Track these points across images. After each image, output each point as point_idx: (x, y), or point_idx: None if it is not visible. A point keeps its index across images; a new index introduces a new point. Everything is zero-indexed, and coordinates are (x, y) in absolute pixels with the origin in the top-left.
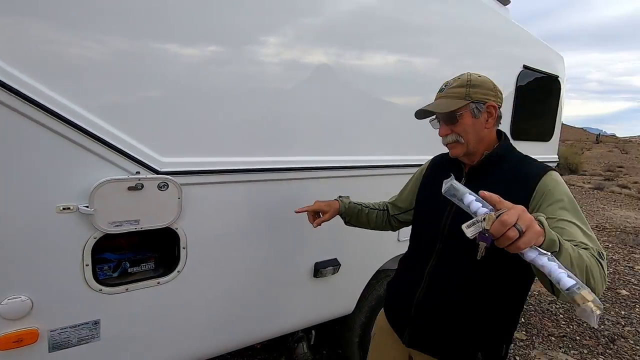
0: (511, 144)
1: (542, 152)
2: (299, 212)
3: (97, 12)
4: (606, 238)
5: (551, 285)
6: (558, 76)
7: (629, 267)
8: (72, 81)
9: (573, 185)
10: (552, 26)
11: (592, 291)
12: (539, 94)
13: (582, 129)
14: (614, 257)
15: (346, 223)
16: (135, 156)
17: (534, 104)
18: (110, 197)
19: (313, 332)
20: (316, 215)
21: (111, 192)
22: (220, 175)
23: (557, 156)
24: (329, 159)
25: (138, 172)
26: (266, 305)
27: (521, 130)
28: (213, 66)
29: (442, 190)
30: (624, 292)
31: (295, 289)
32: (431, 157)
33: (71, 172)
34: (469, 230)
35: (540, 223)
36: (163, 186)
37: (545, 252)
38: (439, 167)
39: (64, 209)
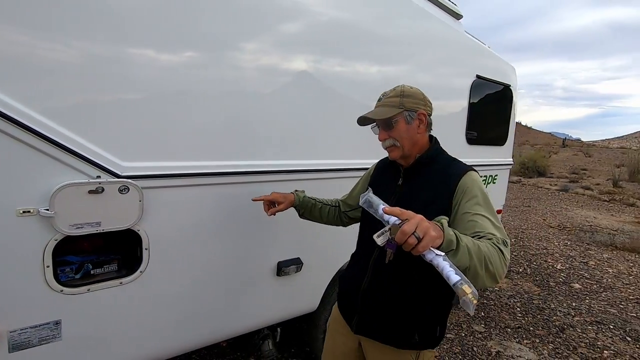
0: (440, 147)
1: (497, 155)
2: (256, 200)
3: (58, 13)
4: (566, 236)
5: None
6: (510, 85)
7: (583, 262)
8: (30, 86)
9: (541, 187)
10: (521, 34)
11: (492, 276)
12: (492, 101)
13: (549, 133)
14: (570, 253)
15: (300, 216)
16: (96, 161)
17: (487, 111)
18: (70, 200)
19: (279, 329)
20: (271, 205)
21: (72, 196)
22: (181, 179)
23: (511, 159)
24: (286, 162)
25: (99, 177)
26: (230, 303)
27: (476, 135)
28: (172, 72)
29: (360, 203)
30: (577, 285)
31: (259, 287)
32: (377, 161)
33: (32, 177)
34: (379, 239)
35: (441, 225)
36: (124, 189)
37: (441, 253)
38: (383, 170)
39: (24, 212)
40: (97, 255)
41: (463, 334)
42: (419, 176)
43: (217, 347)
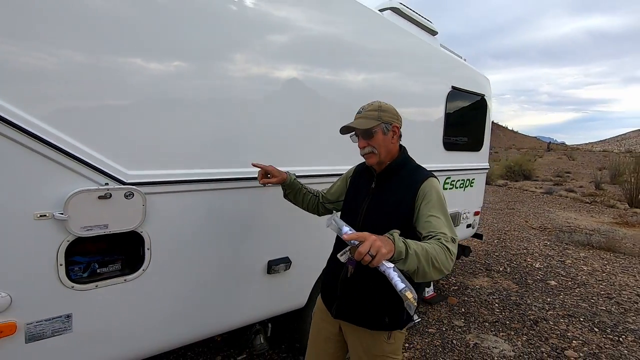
0: (408, 155)
1: (473, 160)
2: (255, 166)
3: (69, 28)
4: (546, 237)
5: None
6: (484, 95)
7: (560, 261)
8: (48, 103)
9: (526, 190)
10: (507, 42)
11: (438, 270)
12: (468, 110)
13: (535, 137)
14: (549, 253)
15: (285, 196)
16: (104, 170)
17: (463, 119)
18: (82, 205)
19: (269, 324)
20: (266, 176)
21: (83, 201)
22: (180, 185)
23: (487, 164)
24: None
25: (107, 184)
26: (224, 299)
27: (453, 142)
28: (171, 89)
29: (326, 225)
30: (552, 282)
31: (251, 284)
32: (356, 165)
33: (47, 184)
34: (342, 258)
35: (393, 238)
36: (129, 195)
37: (390, 265)
38: (359, 174)
39: (41, 215)
40: (102, 256)
41: (444, 329)
42: (389, 181)
43: (212, 342)
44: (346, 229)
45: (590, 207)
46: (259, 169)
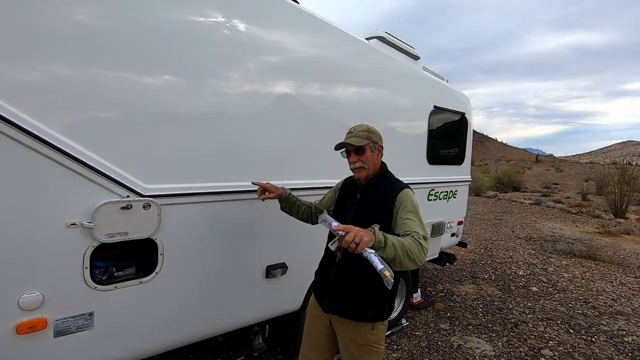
0: (388, 170)
1: (456, 173)
2: (254, 183)
3: (93, 51)
4: (531, 246)
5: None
6: (464, 113)
7: (543, 269)
8: (81, 127)
9: (515, 201)
10: (494, 56)
11: (412, 260)
12: (449, 127)
13: (524, 149)
14: (533, 261)
15: (281, 208)
16: (126, 184)
17: (445, 135)
18: (107, 215)
19: (267, 326)
20: (264, 192)
21: (108, 211)
22: (190, 197)
23: (469, 176)
24: (275, 183)
25: (128, 196)
26: (227, 301)
27: (436, 156)
28: (184, 112)
29: (318, 221)
30: (534, 288)
31: (251, 287)
32: (344, 178)
33: (78, 196)
34: (332, 247)
35: (373, 230)
36: (147, 206)
37: (372, 251)
38: (347, 187)
39: (71, 224)
40: (119, 261)
41: (430, 332)
42: (372, 192)
43: (214, 342)
44: (335, 223)
45: (576, 218)
46: (258, 187)
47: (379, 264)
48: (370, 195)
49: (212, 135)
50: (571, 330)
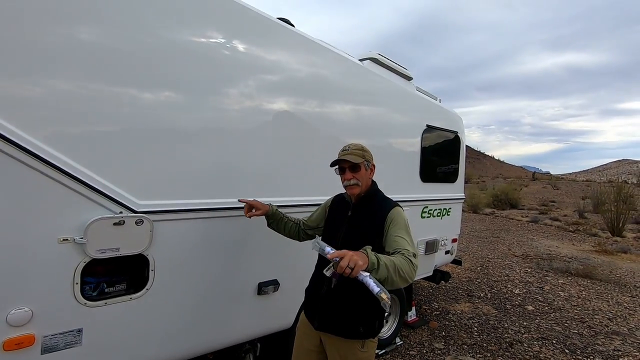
0: (377, 188)
1: (449, 191)
2: (241, 201)
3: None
4: (528, 264)
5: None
6: (457, 132)
7: (539, 287)
8: (74, 143)
9: (512, 219)
10: (488, 75)
11: (404, 278)
12: (442, 146)
13: (521, 167)
14: (529, 279)
15: (268, 225)
16: (119, 200)
17: (438, 154)
18: (99, 231)
19: (258, 344)
20: (250, 209)
21: (101, 227)
22: (181, 214)
23: (463, 194)
24: (264, 200)
25: (121, 212)
26: (218, 318)
27: (429, 174)
28: (179, 130)
29: (311, 247)
30: (530, 307)
31: (243, 304)
32: (332, 196)
33: (70, 212)
34: (327, 273)
35: (366, 253)
36: (139, 222)
37: (366, 274)
38: (338, 203)
39: (63, 239)
40: (109, 277)
41: (424, 351)
42: (363, 209)
43: None
44: (328, 249)
45: (573, 236)
46: (245, 204)
47: (375, 287)
48: (361, 213)
49: (204, 152)
50: (567, 350)
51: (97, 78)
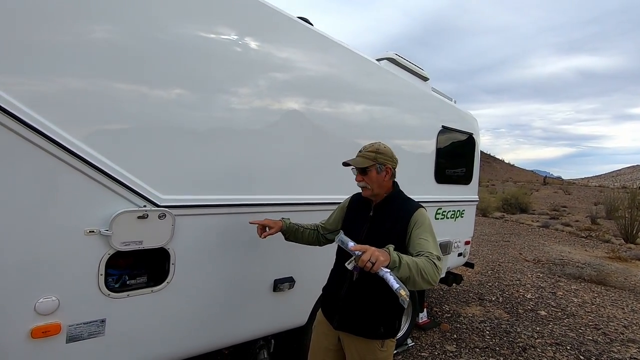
0: (400, 189)
1: (463, 193)
2: (252, 223)
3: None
4: (539, 269)
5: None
6: (472, 133)
7: (552, 293)
8: (103, 138)
9: (522, 223)
10: (497, 78)
11: (427, 280)
12: (457, 147)
13: (532, 171)
14: (541, 284)
15: (286, 239)
16: (144, 194)
17: (453, 155)
18: (124, 223)
19: (272, 340)
20: (264, 228)
21: (125, 220)
22: (204, 209)
23: (477, 196)
24: (283, 197)
25: (145, 205)
26: (234, 313)
27: (444, 176)
28: (203, 127)
29: (335, 240)
30: (543, 312)
31: (258, 300)
32: (350, 195)
33: (97, 205)
34: (349, 266)
35: (388, 250)
36: (162, 216)
37: (387, 270)
38: (357, 204)
39: (90, 231)
40: (131, 270)
41: (436, 353)
42: (384, 210)
43: (219, 355)
44: (351, 243)
45: (585, 242)
46: (257, 225)
47: (394, 283)
48: (383, 213)
49: (226, 150)
50: (581, 357)
51: (121, 76)
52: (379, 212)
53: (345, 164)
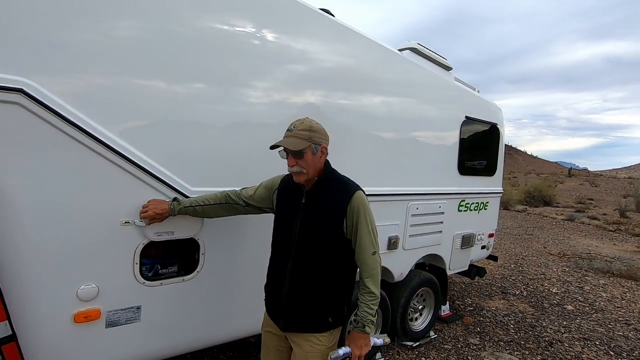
0: (332, 168)
1: (487, 185)
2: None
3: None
4: (565, 263)
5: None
6: (496, 123)
7: (579, 287)
8: (139, 135)
9: (546, 216)
10: (519, 67)
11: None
12: (481, 137)
13: (556, 162)
14: (567, 279)
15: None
16: (175, 186)
17: (477, 146)
18: None
19: None
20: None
21: None
22: None
23: (501, 188)
24: None
25: (176, 198)
26: (261, 303)
27: (467, 167)
28: (228, 124)
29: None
30: (569, 307)
31: None
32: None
33: (132, 196)
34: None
35: (363, 331)
36: None
37: (372, 340)
38: (289, 188)
39: (125, 222)
40: (163, 260)
41: (459, 346)
42: (318, 195)
43: (246, 342)
44: (341, 352)
45: (613, 235)
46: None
47: (377, 341)
48: (317, 200)
49: (251, 142)
50: (611, 353)
51: (157, 77)
52: (312, 198)
53: (274, 147)
